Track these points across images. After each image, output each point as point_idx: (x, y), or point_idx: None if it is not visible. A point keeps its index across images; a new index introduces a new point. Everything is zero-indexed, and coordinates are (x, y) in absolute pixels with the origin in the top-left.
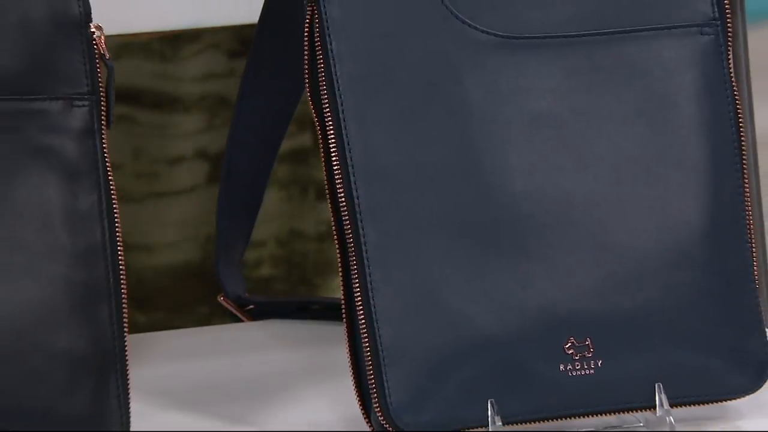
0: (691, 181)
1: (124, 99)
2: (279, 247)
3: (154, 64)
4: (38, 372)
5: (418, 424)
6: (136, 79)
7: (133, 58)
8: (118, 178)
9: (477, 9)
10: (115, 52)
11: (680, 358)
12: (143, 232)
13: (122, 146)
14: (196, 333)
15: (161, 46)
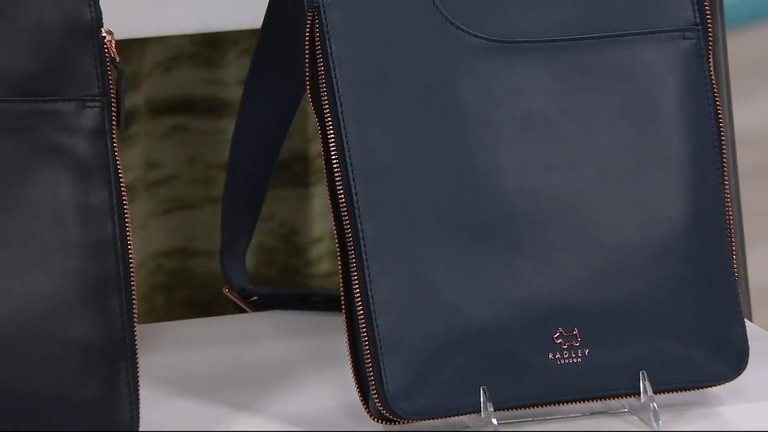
0: (673, 178)
1: (176, 109)
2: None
3: (203, 71)
4: (52, 360)
5: (414, 410)
6: (186, 88)
7: (182, 68)
8: (176, 187)
9: (470, 15)
10: (165, 64)
11: (664, 347)
12: (204, 238)
13: (177, 154)
14: (202, 323)
15: (208, 51)
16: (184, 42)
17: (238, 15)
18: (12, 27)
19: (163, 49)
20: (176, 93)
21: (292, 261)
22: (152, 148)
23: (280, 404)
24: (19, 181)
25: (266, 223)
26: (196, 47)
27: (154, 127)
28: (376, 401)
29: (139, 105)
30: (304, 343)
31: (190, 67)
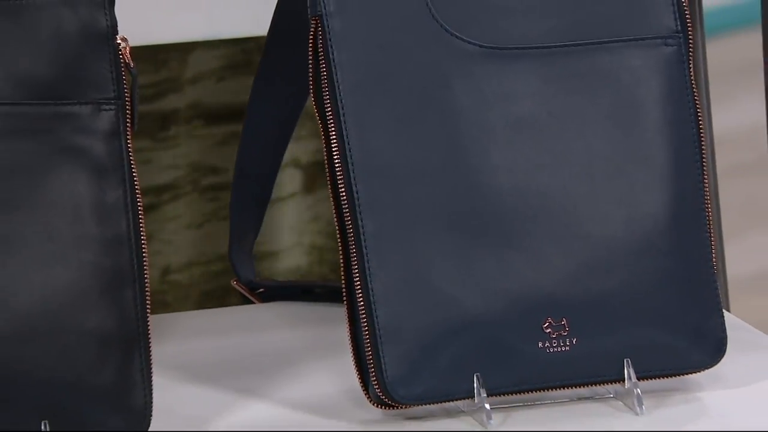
0: (656, 177)
1: (230, 117)
2: None
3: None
4: (70, 348)
5: (412, 396)
6: (240, 97)
7: (238, 76)
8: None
9: (464, 23)
10: (218, 73)
11: (647, 336)
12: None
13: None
14: (211, 314)
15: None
16: (235, 50)
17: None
18: (32, 35)
19: (214, 58)
20: (232, 101)
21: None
22: (212, 154)
23: (284, 390)
24: (40, 180)
25: (314, 223)
26: (247, 56)
27: (210, 133)
28: (376, 387)
29: (180, 108)
30: (307, 333)
31: (243, 74)
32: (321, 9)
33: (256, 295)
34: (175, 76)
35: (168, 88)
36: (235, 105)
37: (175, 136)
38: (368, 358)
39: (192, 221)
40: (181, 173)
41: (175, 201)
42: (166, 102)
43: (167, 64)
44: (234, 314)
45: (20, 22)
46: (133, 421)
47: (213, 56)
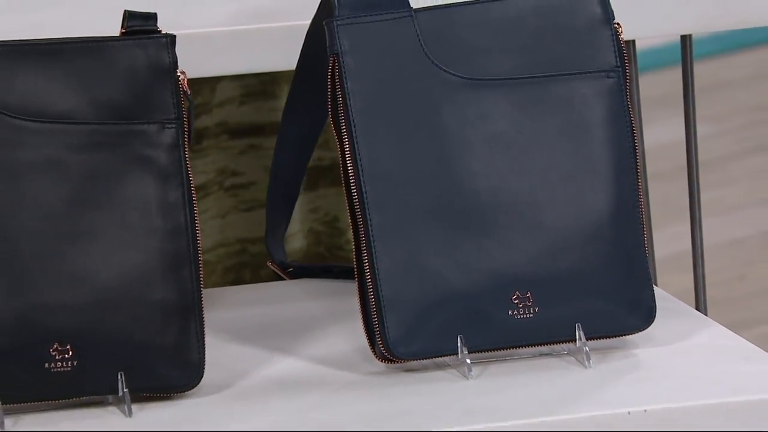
0: (600, 181)
1: (248, 133)
2: None
3: (269, 103)
4: (141, 316)
5: (409, 353)
6: (256, 117)
7: (255, 101)
8: (255, 191)
9: (450, 59)
10: (239, 99)
11: (593, 306)
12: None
13: (254, 166)
14: (251, 288)
15: (271, 87)
16: (254, 81)
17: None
18: (112, 69)
19: (237, 86)
20: (251, 120)
21: (335, 241)
22: (234, 161)
23: (308, 348)
24: (116, 183)
25: (315, 213)
26: (263, 86)
27: (235, 145)
28: (381, 346)
29: (209, 126)
30: (326, 303)
31: (260, 101)
32: (338, 49)
33: (286, 273)
34: (206, 101)
35: (201, 110)
36: (252, 123)
37: (206, 147)
38: (374, 324)
39: (217, 213)
40: (210, 176)
41: (206, 198)
42: (199, 121)
43: (200, 92)
44: (269, 289)
45: (103, 59)
46: (190, 374)
47: (235, 86)
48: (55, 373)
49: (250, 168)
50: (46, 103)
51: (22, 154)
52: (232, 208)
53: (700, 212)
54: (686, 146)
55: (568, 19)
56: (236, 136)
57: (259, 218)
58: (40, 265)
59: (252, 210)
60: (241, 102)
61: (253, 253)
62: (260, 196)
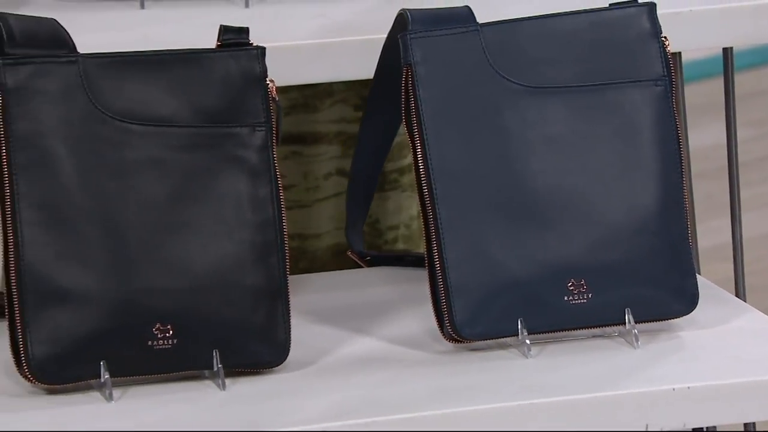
0: (649, 179)
1: (291, 141)
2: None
3: (308, 114)
4: (233, 299)
5: (474, 334)
6: (298, 126)
7: (298, 113)
8: (295, 193)
9: (512, 69)
10: (285, 110)
11: (642, 292)
12: (314, 227)
13: (295, 171)
14: (333, 275)
15: (313, 101)
16: (297, 95)
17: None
18: (209, 78)
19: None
20: (293, 130)
21: (375, 240)
22: (278, 166)
23: (384, 329)
24: (212, 180)
25: None
26: (305, 99)
27: (278, 151)
28: (449, 328)
29: None
30: (400, 289)
31: (302, 113)
32: (411, 60)
33: (364, 262)
34: None
35: None
36: (296, 133)
37: None
38: (443, 307)
39: None
40: None
41: None
42: None
43: None
44: (348, 276)
45: (201, 69)
46: (277, 351)
47: (283, 98)
48: (158, 350)
49: (290, 172)
50: (150, 108)
51: (129, 154)
52: None
53: (740, 208)
54: (727, 148)
55: (621, 33)
56: (281, 144)
57: (297, 217)
58: (144, 254)
59: (291, 210)
60: (286, 113)
61: (291, 248)
62: (299, 197)
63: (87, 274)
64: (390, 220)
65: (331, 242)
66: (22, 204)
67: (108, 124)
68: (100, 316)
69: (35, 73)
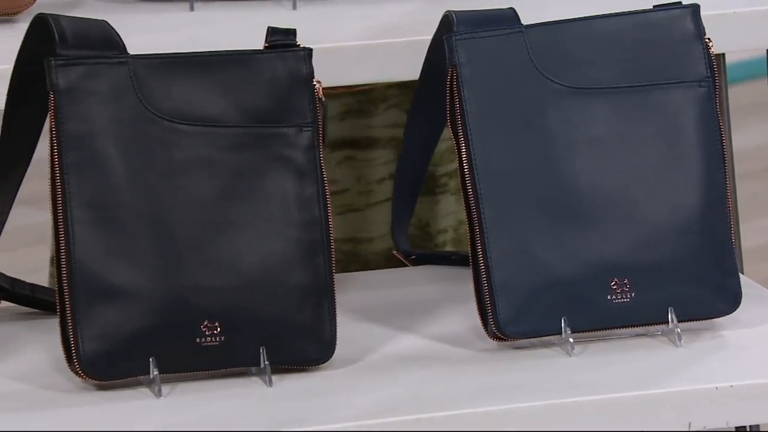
0: (692, 179)
1: (345, 145)
2: None
3: (362, 119)
4: (280, 297)
5: (518, 332)
6: (352, 132)
7: (352, 118)
8: (348, 197)
9: (556, 70)
10: (340, 116)
11: (685, 291)
12: (367, 230)
13: (349, 176)
14: (379, 273)
15: (367, 106)
16: (352, 100)
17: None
18: (257, 79)
19: (338, 104)
20: (348, 135)
21: (426, 244)
22: (331, 171)
23: (428, 327)
24: (259, 180)
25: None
26: (359, 104)
27: (332, 157)
28: (493, 326)
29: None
30: (444, 287)
31: (356, 118)
32: (456, 61)
33: (409, 261)
34: None
35: None
36: (348, 137)
37: None
38: (487, 306)
39: None
40: None
41: None
42: None
43: None
44: (394, 274)
45: (248, 70)
46: (323, 349)
47: (339, 104)
48: (205, 346)
49: (344, 177)
50: (199, 109)
51: (178, 154)
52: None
53: None
54: None
55: (664, 35)
56: (335, 149)
57: (350, 221)
58: (193, 252)
59: (343, 214)
60: (341, 119)
61: (343, 251)
62: (353, 201)
63: (136, 272)
64: (440, 224)
65: (383, 246)
66: (73, 203)
67: (157, 124)
68: (150, 313)
69: (86, 74)
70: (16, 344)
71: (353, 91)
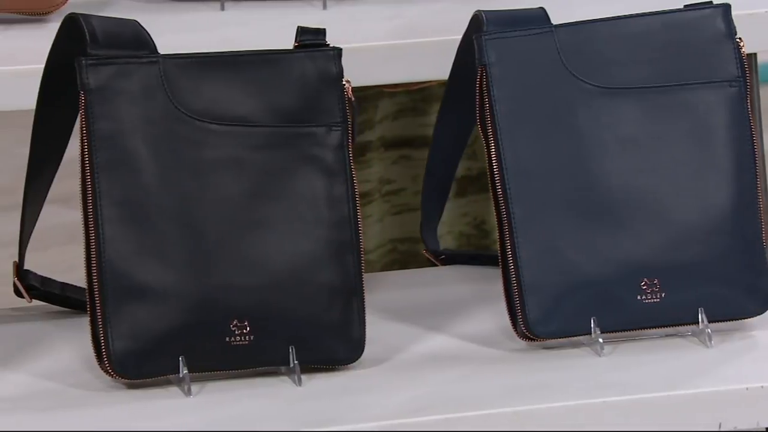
0: (722, 179)
1: (401, 145)
2: None
3: (419, 119)
4: (309, 297)
5: (547, 332)
6: (408, 131)
7: (408, 117)
8: (404, 196)
9: (586, 69)
10: (394, 115)
11: (715, 292)
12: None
13: (405, 175)
14: (407, 273)
15: (422, 105)
16: (406, 99)
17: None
18: (286, 79)
19: (393, 104)
20: (403, 134)
21: (482, 242)
22: (387, 170)
23: (458, 327)
24: (289, 179)
25: (464, 218)
26: (414, 103)
27: (388, 156)
28: (522, 326)
29: (372, 140)
30: (474, 287)
31: (410, 116)
32: (485, 60)
33: (439, 260)
34: (370, 118)
35: (365, 126)
36: (404, 137)
37: (369, 159)
38: (516, 306)
39: (378, 218)
40: (373, 185)
41: (369, 204)
42: (363, 136)
43: (366, 110)
44: (423, 274)
45: (278, 69)
46: (352, 348)
47: (393, 103)
48: (235, 345)
49: (400, 176)
50: (229, 108)
51: (207, 153)
52: (386, 213)
53: None
54: None
55: (695, 34)
56: (391, 148)
57: (407, 221)
58: (222, 251)
59: (401, 213)
60: (395, 118)
61: (401, 251)
62: (409, 200)
63: (166, 271)
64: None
65: (450, 247)
66: (103, 202)
67: (187, 124)
68: (179, 312)
69: (117, 73)
70: (47, 343)
71: (407, 89)
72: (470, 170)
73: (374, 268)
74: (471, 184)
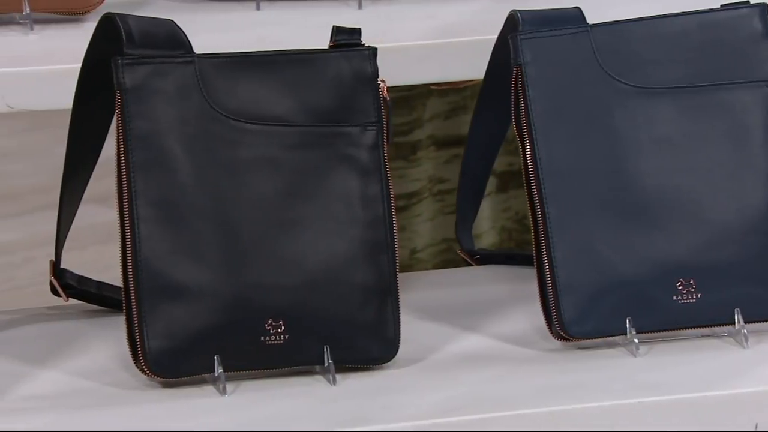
0: (758, 179)
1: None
2: None
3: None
4: (344, 296)
5: (582, 332)
6: (459, 129)
7: (458, 115)
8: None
9: (622, 70)
10: (445, 114)
11: (752, 292)
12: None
13: (457, 173)
14: (442, 273)
15: (472, 103)
16: (457, 98)
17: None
18: (321, 78)
19: (443, 102)
20: (455, 132)
21: (525, 236)
22: (439, 170)
23: (492, 327)
24: (323, 178)
25: (506, 213)
26: (464, 101)
27: (440, 155)
28: (557, 326)
29: (422, 139)
30: (509, 287)
31: (462, 115)
32: (521, 60)
33: (474, 260)
34: (419, 116)
35: (414, 125)
36: (456, 135)
37: (419, 158)
38: (551, 306)
39: (428, 216)
40: (423, 184)
41: (419, 203)
42: (413, 135)
43: (415, 109)
44: (459, 274)
45: (313, 69)
46: (387, 348)
47: (443, 102)
48: (270, 345)
49: (453, 175)
50: (264, 108)
51: (242, 152)
52: (438, 211)
53: None
54: None
55: (730, 34)
56: (442, 147)
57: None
58: (257, 250)
59: (452, 213)
60: (446, 116)
61: (455, 251)
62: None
63: (201, 270)
64: None
65: (493, 242)
66: (138, 201)
67: (222, 123)
68: (214, 311)
69: (153, 72)
70: (83, 342)
71: (458, 87)
72: (512, 165)
73: (425, 266)
74: (513, 179)
